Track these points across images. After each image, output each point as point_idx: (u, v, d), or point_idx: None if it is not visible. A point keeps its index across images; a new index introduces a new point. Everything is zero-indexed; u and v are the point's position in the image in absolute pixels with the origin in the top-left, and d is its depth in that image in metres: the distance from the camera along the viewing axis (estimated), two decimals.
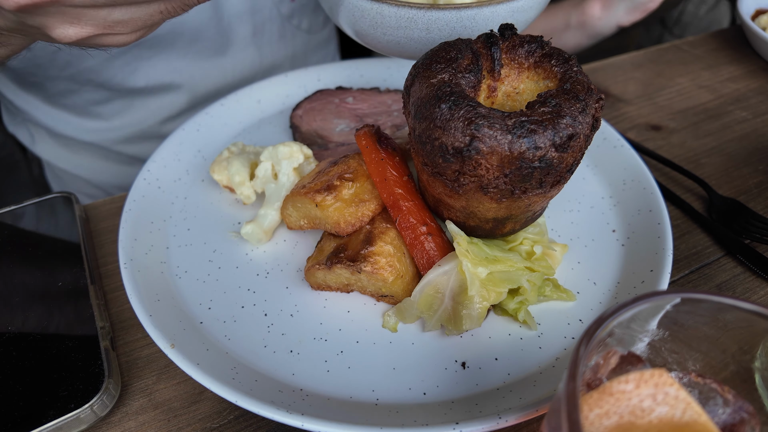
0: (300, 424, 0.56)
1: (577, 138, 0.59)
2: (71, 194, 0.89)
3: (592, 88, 0.62)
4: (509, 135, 0.56)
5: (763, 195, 0.92)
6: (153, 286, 0.72)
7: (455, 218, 0.70)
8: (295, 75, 1.10)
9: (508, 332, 0.69)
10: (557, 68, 0.64)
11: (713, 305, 0.43)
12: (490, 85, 0.67)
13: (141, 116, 1.26)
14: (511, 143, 0.57)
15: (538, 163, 0.58)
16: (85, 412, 0.60)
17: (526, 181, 0.60)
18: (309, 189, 0.74)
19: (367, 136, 0.75)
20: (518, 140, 0.56)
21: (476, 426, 0.55)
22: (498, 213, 0.66)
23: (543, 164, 0.58)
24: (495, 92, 0.68)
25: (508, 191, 0.61)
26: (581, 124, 0.59)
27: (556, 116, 0.58)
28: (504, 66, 0.67)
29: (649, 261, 0.73)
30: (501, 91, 0.68)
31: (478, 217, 0.67)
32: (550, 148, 0.57)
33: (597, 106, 0.62)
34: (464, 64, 0.64)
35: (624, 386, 0.41)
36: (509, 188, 0.60)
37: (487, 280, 0.66)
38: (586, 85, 0.62)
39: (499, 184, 0.60)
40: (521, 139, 0.56)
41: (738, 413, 0.44)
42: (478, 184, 0.61)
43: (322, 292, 0.75)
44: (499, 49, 0.66)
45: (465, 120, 0.57)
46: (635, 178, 0.86)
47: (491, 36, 0.67)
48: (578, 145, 0.60)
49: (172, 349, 0.62)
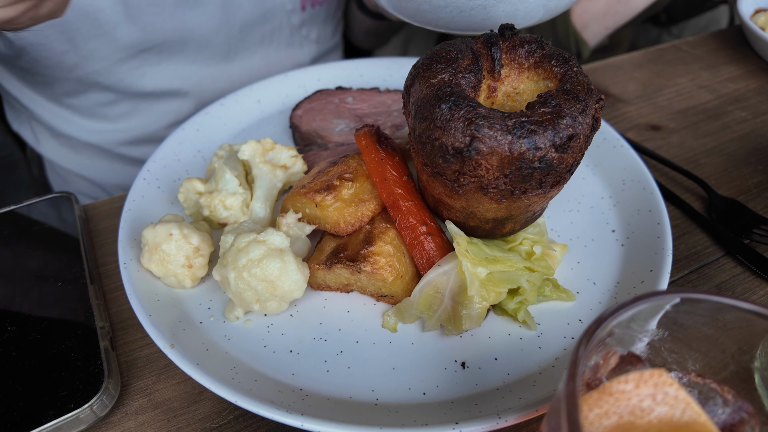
0: (300, 424, 0.56)
1: (577, 138, 0.59)
2: (71, 194, 0.89)
3: (592, 88, 0.62)
4: (509, 135, 0.56)
5: (763, 195, 0.92)
6: (152, 286, 0.72)
7: (455, 218, 0.70)
8: (294, 75, 1.10)
9: (508, 332, 0.69)
10: (557, 68, 0.64)
11: (713, 305, 0.43)
12: (490, 85, 0.67)
13: (147, 120, 1.27)
14: (512, 144, 0.57)
15: (538, 163, 0.58)
16: (85, 412, 0.60)
17: (526, 182, 0.59)
18: (309, 189, 0.74)
19: (366, 136, 0.75)
20: (518, 141, 0.56)
21: (476, 426, 0.55)
22: (498, 213, 0.66)
23: (543, 165, 0.58)
24: (495, 92, 0.68)
25: (508, 191, 0.61)
26: (581, 124, 0.59)
27: (556, 117, 0.58)
28: (504, 66, 0.67)
29: (649, 261, 0.73)
30: (501, 92, 0.68)
31: (478, 217, 0.67)
32: (550, 148, 0.57)
33: (597, 107, 0.62)
34: (464, 65, 0.64)
35: (624, 386, 0.41)
36: (509, 188, 0.60)
37: (487, 280, 0.66)
38: (586, 86, 0.62)
39: (499, 185, 0.60)
40: (521, 140, 0.56)
41: (737, 413, 0.44)
42: (478, 185, 0.61)
43: (322, 291, 0.75)
44: (500, 50, 0.66)
45: (465, 120, 0.57)
46: (635, 178, 0.86)
47: (491, 36, 0.67)
48: (578, 146, 0.60)
49: (172, 349, 0.62)
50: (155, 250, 0.70)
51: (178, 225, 0.71)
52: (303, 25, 1.32)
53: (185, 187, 0.80)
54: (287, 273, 0.66)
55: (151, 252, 0.71)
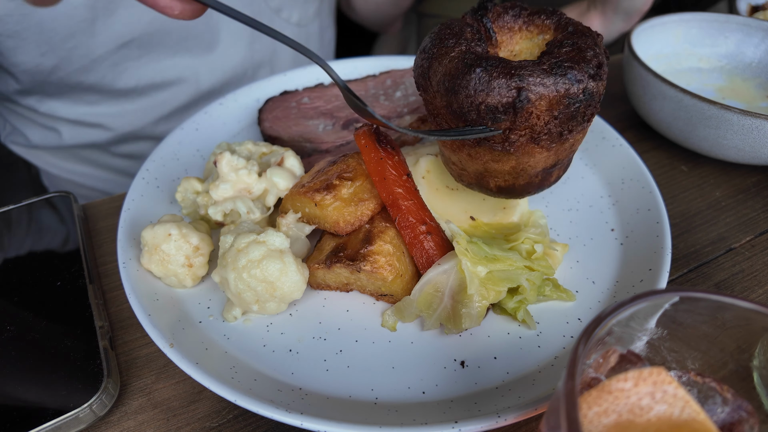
0: (299, 423, 0.56)
1: (604, 66, 0.62)
2: (70, 193, 0.89)
3: (587, 27, 0.66)
4: (551, 77, 0.59)
5: (762, 194, 0.92)
6: (152, 286, 0.72)
7: (503, 184, 0.71)
8: (294, 74, 1.10)
9: (507, 331, 0.69)
10: (548, 21, 0.68)
11: (712, 304, 0.43)
12: (490, 52, 0.70)
13: (134, 117, 1.26)
14: (556, 84, 0.59)
15: (582, 95, 0.60)
16: (84, 412, 0.60)
17: (574, 119, 0.62)
18: (308, 188, 0.74)
19: (366, 135, 0.75)
20: (561, 79, 0.59)
21: (475, 425, 0.56)
22: (547, 161, 0.68)
23: (586, 96, 0.61)
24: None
25: (557, 134, 0.63)
26: (601, 54, 0.63)
27: (581, 51, 0.62)
28: (496, 33, 0.70)
29: (648, 260, 0.74)
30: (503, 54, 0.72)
31: (528, 173, 0.68)
32: (589, 79, 0.60)
33: (599, 40, 0.65)
34: (470, 36, 0.66)
35: (623, 384, 0.41)
36: (558, 131, 0.63)
37: (487, 279, 0.66)
38: (583, 26, 0.66)
39: (551, 128, 0.62)
40: (563, 78, 0.59)
41: (737, 412, 0.44)
42: (530, 137, 0.63)
43: (322, 291, 0.75)
44: (489, 20, 0.69)
45: (505, 75, 0.59)
46: (634, 177, 0.86)
47: (477, 9, 0.70)
48: (605, 73, 0.63)
49: (171, 348, 0.62)
50: (155, 250, 0.70)
51: (177, 225, 0.71)
52: (282, 8, 1.31)
53: (183, 186, 0.80)
54: (287, 274, 0.66)
55: (150, 252, 0.71)
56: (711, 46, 1.13)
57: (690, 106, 0.89)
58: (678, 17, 1.12)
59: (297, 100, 1.03)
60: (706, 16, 1.12)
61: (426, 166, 0.81)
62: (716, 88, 1.08)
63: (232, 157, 0.76)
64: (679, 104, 0.91)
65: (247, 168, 0.76)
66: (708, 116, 0.88)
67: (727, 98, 1.04)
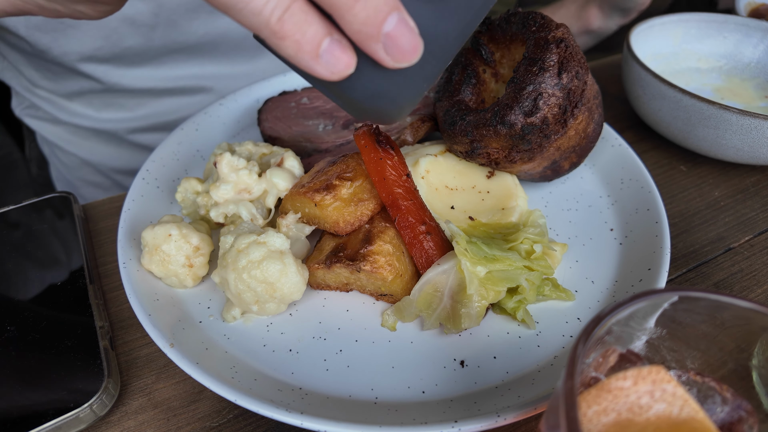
0: (299, 423, 0.56)
1: (542, 97, 0.70)
2: (70, 194, 0.89)
3: (548, 38, 0.71)
4: (490, 128, 0.73)
5: (761, 194, 0.92)
6: (152, 286, 0.72)
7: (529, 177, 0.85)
8: (294, 74, 1.10)
9: (507, 331, 0.69)
10: (522, 35, 0.76)
11: (711, 303, 0.43)
12: (492, 72, 0.79)
13: (163, 108, 1.28)
14: (497, 132, 0.73)
15: (522, 131, 0.72)
16: (85, 412, 0.60)
17: (534, 141, 0.73)
18: (308, 188, 0.74)
19: (365, 135, 0.75)
20: (500, 126, 0.72)
21: (475, 424, 0.56)
22: (540, 166, 0.79)
23: (527, 130, 0.72)
24: (499, 74, 0.82)
25: (526, 155, 0.75)
26: (552, 67, 0.70)
27: (519, 88, 0.70)
28: (495, 52, 0.80)
29: (647, 259, 0.74)
30: (505, 68, 0.81)
31: (530, 173, 0.82)
32: (524, 118, 0.71)
33: (558, 51, 0.70)
34: (458, 80, 0.80)
35: (622, 383, 0.41)
36: (522, 155, 0.75)
37: (486, 278, 0.66)
38: (542, 41, 0.71)
39: (514, 156, 0.75)
40: (501, 125, 0.72)
41: (736, 411, 0.44)
42: (503, 160, 0.77)
43: (321, 291, 0.75)
44: (485, 45, 0.78)
45: (462, 132, 0.76)
46: (633, 177, 0.86)
47: (473, 41, 0.80)
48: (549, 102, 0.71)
49: (171, 348, 0.63)
50: (155, 251, 0.70)
51: (177, 225, 0.71)
52: None
53: (183, 186, 0.80)
54: (287, 275, 0.66)
55: (151, 253, 0.71)
56: (710, 46, 1.13)
57: (689, 106, 0.89)
58: (677, 17, 1.12)
59: (296, 101, 1.03)
60: (704, 17, 1.12)
61: (426, 166, 0.81)
62: (715, 88, 1.08)
63: (232, 157, 0.76)
64: (678, 104, 0.91)
65: (247, 168, 0.76)
66: (707, 116, 0.88)
67: (725, 98, 1.04)
